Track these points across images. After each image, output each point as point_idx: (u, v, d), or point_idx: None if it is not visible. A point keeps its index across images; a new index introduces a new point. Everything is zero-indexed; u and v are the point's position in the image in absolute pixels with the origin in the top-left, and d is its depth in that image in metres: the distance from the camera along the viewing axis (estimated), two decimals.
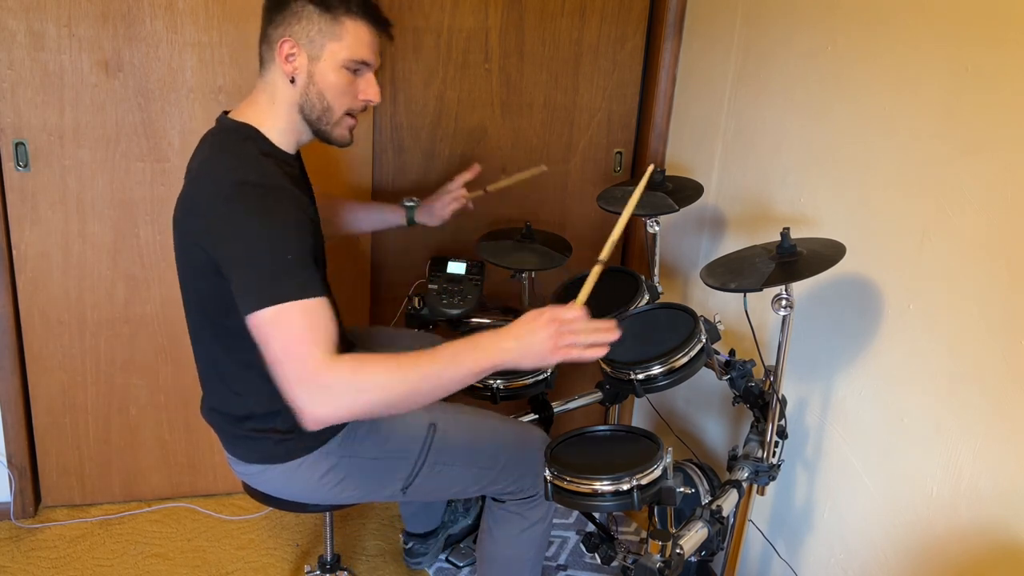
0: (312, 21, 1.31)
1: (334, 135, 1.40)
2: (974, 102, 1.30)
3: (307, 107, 1.36)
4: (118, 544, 2.14)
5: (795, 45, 1.76)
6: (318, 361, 1.16)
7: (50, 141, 1.96)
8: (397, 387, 1.19)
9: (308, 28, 1.31)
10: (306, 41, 1.32)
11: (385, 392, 1.19)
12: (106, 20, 1.90)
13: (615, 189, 1.93)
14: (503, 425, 1.65)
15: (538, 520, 1.67)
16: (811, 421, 1.74)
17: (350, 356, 1.19)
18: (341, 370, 1.17)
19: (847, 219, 1.61)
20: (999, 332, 1.27)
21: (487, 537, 1.71)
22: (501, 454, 1.59)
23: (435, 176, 2.29)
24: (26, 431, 2.16)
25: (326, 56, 1.33)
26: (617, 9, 2.26)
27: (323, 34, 1.32)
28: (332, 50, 1.33)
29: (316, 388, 1.16)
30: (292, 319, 1.18)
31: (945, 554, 1.40)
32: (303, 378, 1.16)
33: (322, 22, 1.31)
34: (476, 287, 1.97)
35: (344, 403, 1.18)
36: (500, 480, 1.60)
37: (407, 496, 1.56)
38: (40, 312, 2.07)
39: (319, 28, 1.31)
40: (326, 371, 1.16)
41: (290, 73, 1.33)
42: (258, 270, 1.20)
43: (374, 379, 1.18)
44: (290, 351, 1.17)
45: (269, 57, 1.35)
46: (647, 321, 1.61)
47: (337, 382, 1.17)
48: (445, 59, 2.20)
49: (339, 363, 1.17)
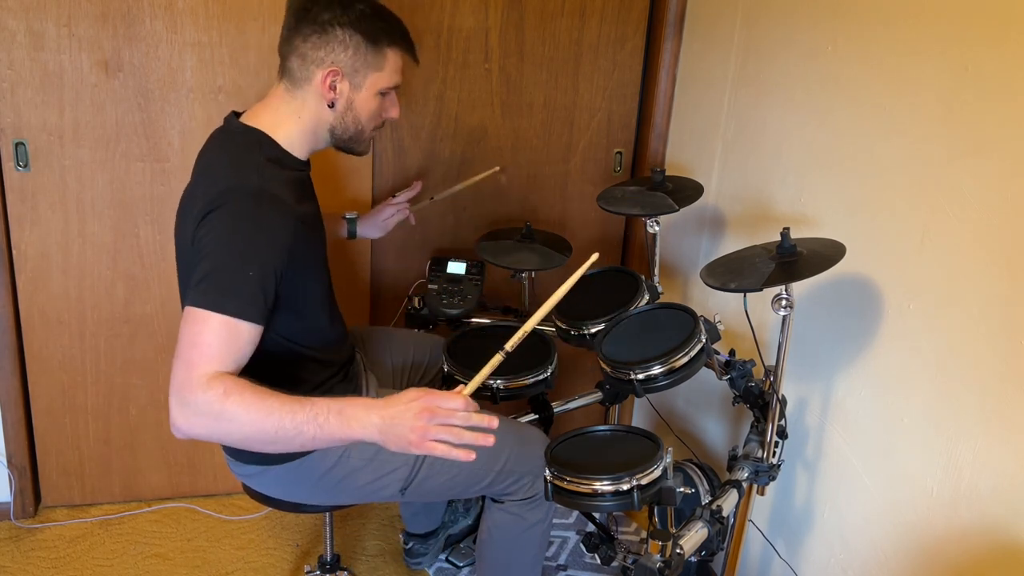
0: (359, 52, 1.34)
1: (359, 150, 1.47)
2: (974, 102, 1.30)
3: (340, 128, 1.40)
4: (118, 544, 2.14)
5: (795, 45, 1.76)
6: (198, 377, 1.16)
7: (50, 141, 1.96)
8: (253, 432, 1.17)
9: (355, 59, 1.34)
10: (350, 71, 1.35)
11: (241, 432, 1.17)
12: (106, 20, 1.90)
13: (615, 189, 1.93)
14: (503, 425, 1.64)
15: (537, 522, 1.66)
16: (811, 421, 1.74)
17: (226, 379, 1.16)
18: (209, 396, 1.15)
19: (847, 219, 1.61)
20: (999, 332, 1.27)
21: (486, 538, 1.71)
22: (500, 455, 1.58)
23: (435, 176, 2.29)
24: (26, 431, 2.16)
25: (368, 85, 1.37)
26: (617, 9, 2.26)
27: (368, 65, 1.36)
28: (374, 80, 1.37)
29: (183, 401, 1.16)
30: (210, 329, 1.18)
31: (945, 554, 1.40)
32: (177, 387, 1.17)
33: (368, 54, 1.35)
34: (476, 287, 1.97)
35: (200, 425, 1.17)
36: (499, 481, 1.59)
37: (406, 497, 1.56)
38: (40, 312, 2.07)
39: (365, 59, 1.35)
40: (197, 391, 1.15)
41: (331, 99, 1.36)
42: (215, 272, 1.21)
43: (235, 417, 1.15)
44: (186, 354, 1.18)
45: (304, 77, 1.35)
46: (647, 321, 1.61)
47: (201, 405, 1.15)
48: (445, 59, 2.20)
49: (212, 388, 1.15)
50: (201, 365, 1.17)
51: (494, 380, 1.70)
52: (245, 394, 1.15)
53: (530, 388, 1.73)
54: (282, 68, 1.38)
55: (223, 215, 1.24)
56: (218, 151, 1.37)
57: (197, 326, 1.19)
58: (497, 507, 1.67)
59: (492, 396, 1.69)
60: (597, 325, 1.69)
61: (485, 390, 1.73)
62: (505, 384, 1.69)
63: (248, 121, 1.38)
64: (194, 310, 1.19)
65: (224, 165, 1.33)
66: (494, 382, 1.70)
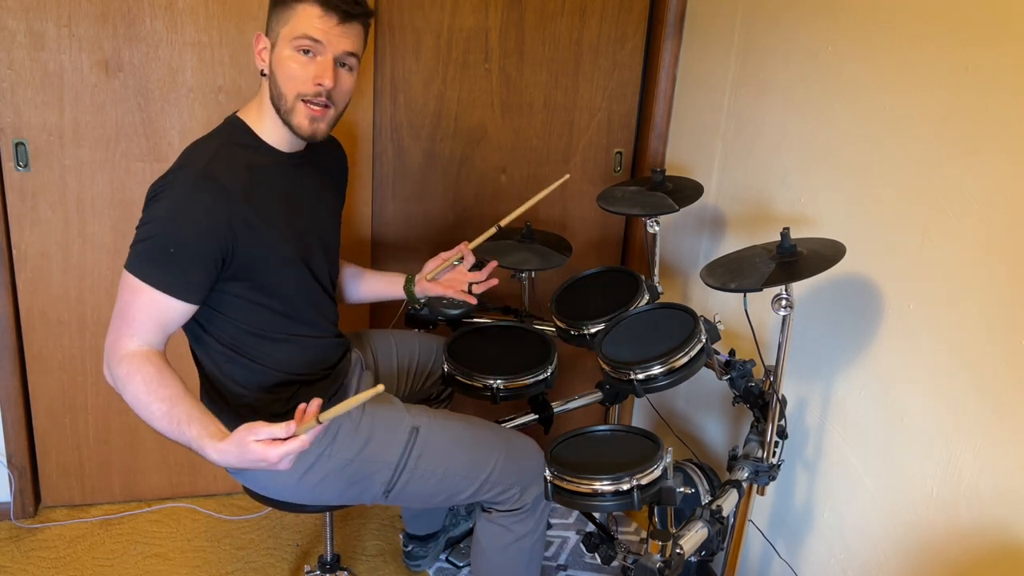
0: (274, 12, 1.37)
1: (293, 123, 1.39)
2: (974, 102, 1.30)
3: (275, 97, 1.39)
4: (118, 544, 2.14)
5: (795, 45, 1.76)
6: (119, 349, 1.28)
7: (50, 141, 1.96)
8: (139, 414, 1.27)
9: (271, 20, 1.38)
10: (270, 31, 1.38)
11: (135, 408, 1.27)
12: (106, 20, 1.91)
13: (615, 189, 1.93)
14: (492, 434, 1.63)
15: (526, 534, 1.64)
16: (811, 421, 1.74)
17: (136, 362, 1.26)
18: (118, 372, 1.27)
19: (847, 219, 1.61)
20: (999, 332, 1.27)
21: (476, 547, 1.70)
22: (488, 463, 1.57)
23: (435, 176, 2.29)
24: (26, 431, 2.16)
25: (280, 41, 1.36)
26: (617, 9, 2.26)
27: (279, 22, 1.36)
28: (283, 34, 1.36)
29: (109, 362, 1.29)
30: (135, 297, 1.29)
31: (945, 554, 1.40)
32: (107, 348, 1.30)
33: (279, 10, 1.36)
34: None
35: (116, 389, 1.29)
36: (485, 490, 1.58)
37: (390, 501, 1.56)
38: (40, 312, 2.07)
39: (277, 18, 1.37)
40: (113, 362, 1.28)
41: (261, 66, 1.40)
42: (145, 240, 1.29)
43: (129, 399, 1.27)
44: (117, 320, 1.30)
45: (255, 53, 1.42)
46: (647, 321, 1.61)
47: (112, 376, 1.29)
48: (445, 59, 2.20)
49: (122, 364, 1.27)
50: (125, 335, 1.29)
51: (494, 380, 1.70)
52: (139, 388, 1.25)
53: (530, 388, 1.73)
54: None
55: (164, 190, 1.31)
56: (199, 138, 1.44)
57: (129, 295, 1.30)
58: (486, 517, 1.65)
59: (492, 396, 1.69)
60: (597, 325, 1.69)
61: (485, 390, 1.73)
62: (505, 384, 1.69)
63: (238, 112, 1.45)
64: (128, 276, 1.30)
65: (190, 148, 1.40)
66: (494, 382, 1.70)
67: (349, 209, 2.22)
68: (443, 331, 2.00)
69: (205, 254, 1.31)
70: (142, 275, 1.28)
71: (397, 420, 1.54)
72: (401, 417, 1.55)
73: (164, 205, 1.30)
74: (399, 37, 2.15)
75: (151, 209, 1.31)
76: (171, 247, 1.28)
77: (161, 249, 1.28)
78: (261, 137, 1.42)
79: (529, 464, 1.61)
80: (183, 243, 1.29)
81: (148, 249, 1.29)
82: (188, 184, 1.31)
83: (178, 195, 1.30)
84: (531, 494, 1.62)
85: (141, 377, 1.25)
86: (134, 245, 1.30)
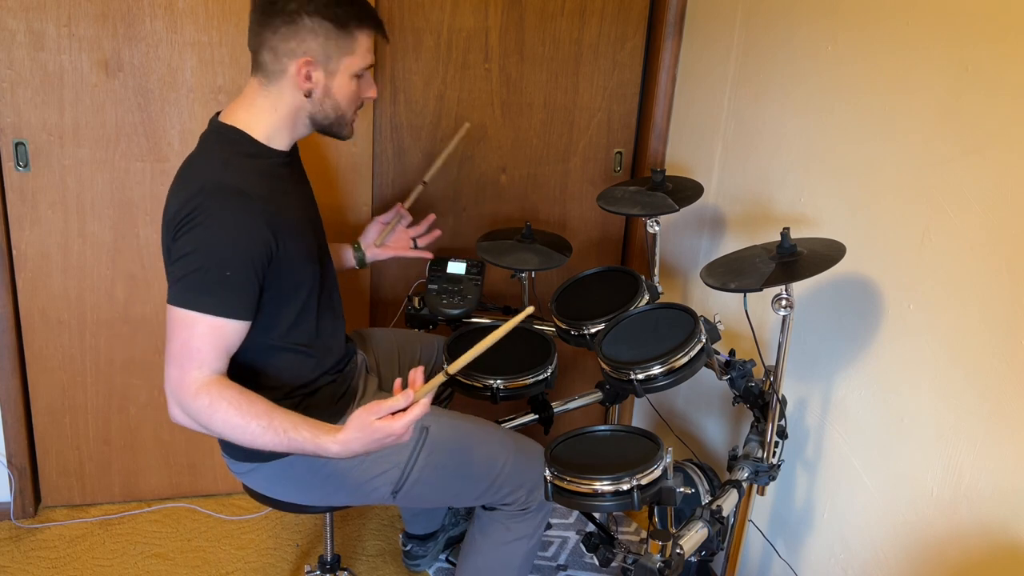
0: (329, 38, 1.33)
1: (343, 134, 1.46)
2: (974, 102, 1.30)
3: (320, 115, 1.40)
4: (118, 544, 2.14)
5: (795, 45, 1.76)
6: (189, 383, 1.25)
7: (50, 141, 1.96)
8: (234, 439, 1.27)
9: (326, 45, 1.33)
10: (323, 58, 1.34)
11: (225, 437, 1.28)
12: (106, 20, 1.91)
13: (615, 189, 1.93)
14: (500, 435, 1.64)
15: (524, 536, 1.65)
16: (811, 421, 1.74)
17: (216, 390, 1.25)
18: (199, 401, 1.25)
19: (847, 219, 1.61)
20: (999, 332, 1.27)
21: (469, 542, 1.70)
22: (496, 464, 1.58)
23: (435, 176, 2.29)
24: (26, 431, 2.16)
25: (342, 70, 1.37)
26: (617, 9, 2.26)
27: (340, 50, 1.35)
28: (347, 64, 1.36)
29: (177, 402, 1.27)
30: (196, 330, 1.25)
31: (945, 554, 1.40)
32: (172, 387, 1.27)
33: (338, 38, 1.34)
34: (476, 287, 1.97)
35: (194, 425, 1.28)
36: (494, 491, 1.59)
37: (397, 501, 1.55)
38: (40, 312, 2.07)
39: (336, 44, 1.34)
40: (188, 397, 1.25)
41: (307, 89, 1.36)
42: (194, 271, 1.25)
43: (218, 427, 1.26)
44: (178, 356, 1.26)
45: (278, 70, 1.34)
46: (647, 321, 1.61)
47: (191, 412, 1.26)
48: (445, 59, 2.20)
49: (200, 394, 1.25)
50: (192, 370, 1.25)
51: (494, 380, 1.70)
52: (229, 412, 1.24)
53: (530, 388, 1.73)
54: (254, 63, 1.37)
55: (197, 216, 1.27)
56: (198, 150, 1.40)
57: (186, 330, 1.26)
58: (487, 514, 1.65)
59: (492, 396, 1.69)
60: (597, 325, 1.69)
61: (485, 390, 1.73)
62: (505, 384, 1.69)
63: (226, 119, 1.39)
64: (179, 311, 1.25)
65: (196, 166, 1.36)
66: (494, 382, 1.70)
67: (349, 209, 2.22)
68: (443, 331, 2.00)
69: (255, 269, 1.30)
70: (197, 306, 1.25)
71: None
72: None
73: (203, 233, 1.26)
74: (399, 37, 2.15)
75: (187, 240, 1.26)
76: (226, 271, 1.26)
77: (214, 277, 1.25)
78: (260, 141, 1.38)
79: (536, 466, 1.61)
80: (235, 264, 1.27)
81: (199, 280, 1.25)
82: (220, 205, 1.28)
83: (215, 219, 1.27)
84: (537, 496, 1.62)
85: (227, 403, 1.24)
86: (180, 280, 1.26)
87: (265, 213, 1.31)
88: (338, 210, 2.20)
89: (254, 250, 1.29)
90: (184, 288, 1.25)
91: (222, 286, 1.26)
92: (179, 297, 1.26)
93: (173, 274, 1.28)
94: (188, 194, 1.29)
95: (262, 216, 1.30)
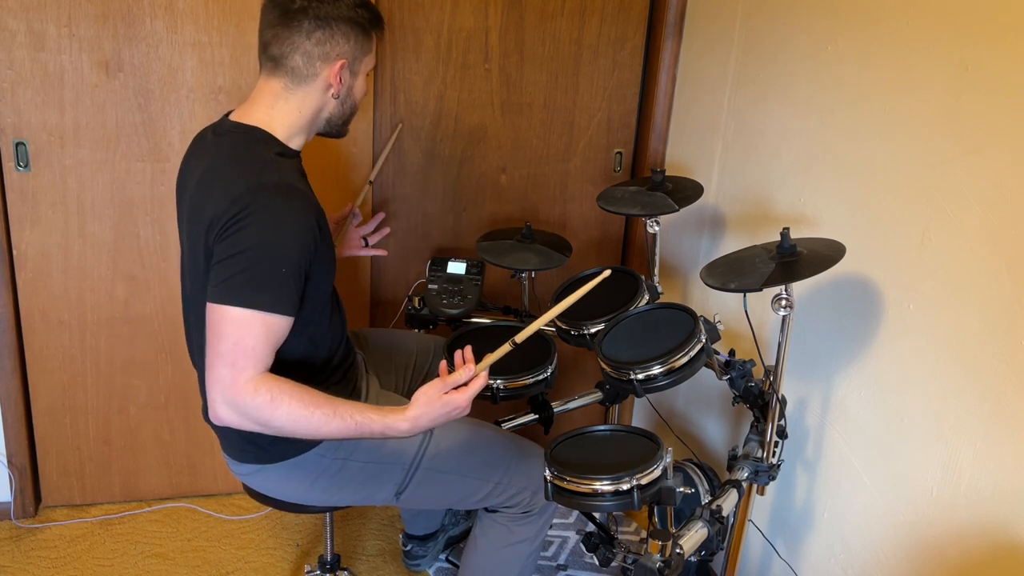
0: (358, 41, 1.39)
1: (345, 132, 1.50)
2: (974, 102, 1.30)
3: (337, 115, 1.44)
4: (118, 544, 2.14)
5: (795, 45, 1.76)
6: (244, 382, 1.23)
7: (50, 141, 1.96)
8: (299, 433, 1.28)
9: (355, 48, 1.39)
10: (352, 60, 1.39)
11: (287, 432, 1.28)
12: (106, 20, 1.91)
13: (615, 189, 1.93)
14: (503, 439, 1.65)
15: (526, 539, 1.65)
16: (811, 421, 1.74)
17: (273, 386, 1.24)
18: (258, 402, 1.24)
19: (847, 219, 1.61)
20: (999, 332, 1.27)
21: (471, 544, 1.70)
22: (499, 466, 1.58)
23: (435, 176, 2.29)
24: (26, 431, 2.16)
25: (362, 71, 1.43)
26: (617, 9, 2.26)
27: (363, 51, 1.41)
28: (366, 64, 1.43)
29: (229, 402, 1.24)
30: (251, 328, 1.24)
31: (945, 554, 1.40)
32: (223, 387, 1.24)
33: (361, 40, 1.39)
34: (476, 287, 1.97)
35: (248, 424, 1.26)
36: (497, 493, 1.59)
37: (401, 502, 1.56)
38: (40, 312, 2.07)
39: (360, 46, 1.40)
40: (245, 396, 1.23)
41: (339, 90, 1.40)
42: (248, 269, 1.24)
43: (281, 421, 1.25)
44: (230, 354, 1.23)
45: (310, 73, 1.36)
46: (647, 321, 1.61)
47: (249, 411, 1.24)
48: (445, 59, 2.20)
49: (259, 391, 1.24)
50: (247, 368, 1.23)
51: (494, 380, 1.70)
52: (292, 405, 1.24)
53: (530, 388, 1.73)
54: (278, 66, 1.36)
55: (253, 212, 1.25)
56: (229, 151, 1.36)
57: (240, 329, 1.23)
58: (489, 516, 1.66)
59: (492, 396, 1.69)
60: (597, 325, 1.69)
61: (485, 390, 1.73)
62: (505, 384, 1.69)
63: (243, 120, 1.38)
64: (232, 310, 1.23)
65: (236, 164, 1.33)
66: (494, 382, 1.70)
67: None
68: (443, 331, 2.00)
69: (304, 264, 1.29)
70: (253, 304, 1.23)
71: None
72: None
73: (257, 231, 1.24)
74: (399, 37, 2.15)
75: (239, 238, 1.24)
76: (281, 267, 1.25)
77: (269, 273, 1.25)
78: (283, 141, 1.39)
79: (539, 470, 1.61)
80: (289, 260, 1.26)
81: (255, 277, 1.24)
82: (272, 201, 1.26)
83: (268, 216, 1.25)
84: (539, 500, 1.62)
85: (288, 396, 1.24)
86: (230, 279, 1.24)
87: (311, 207, 1.32)
88: (338, 210, 2.20)
89: (306, 244, 1.29)
90: (237, 286, 1.23)
91: (277, 283, 1.25)
92: (232, 296, 1.23)
93: (221, 273, 1.25)
94: (235, 194, 1.26)
95: (311, 209, 1.31)
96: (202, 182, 1.34)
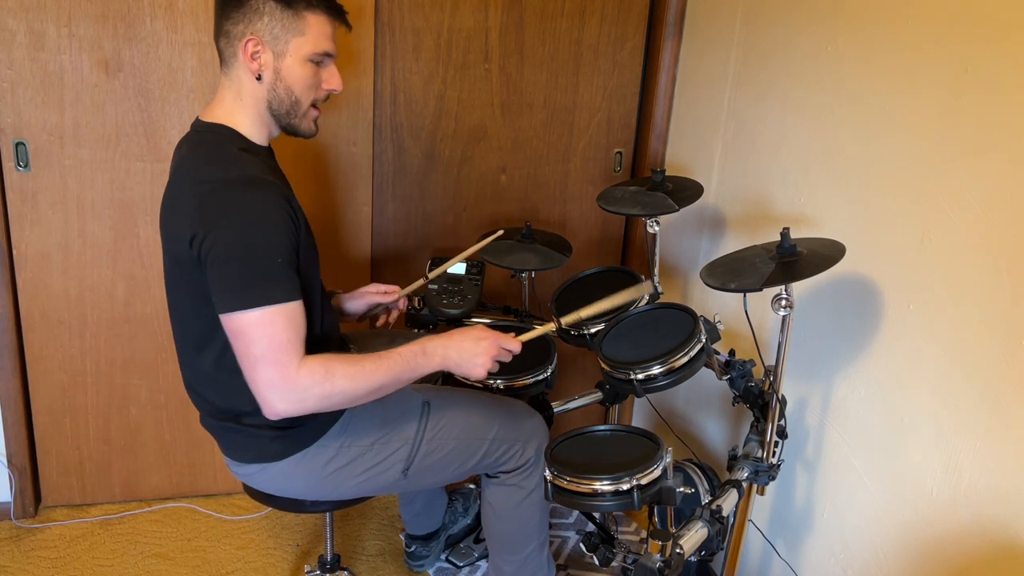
0: (275, 18, 1.33)
1: (301, 128, 1.43)
2: (974, 102, 1.30)
3: (275, 102, 1.38)
4: (118, 544, 2.14)
5: (795, 45, 1.76)
6: (294, 370, 1.25)
7: (50, 141, 1.96)
8: (360, 390, 1.31)
9: (271, 25, 1.33)
10: (270, 38, 1.33)
11: (348, 395, 1.31)
12: (106, 20, 1.91)
13: (615, 189, 1.93)
14: (486, 398, 1.69)
15: (534, 488, 1.69)
16: (811, 421, 1.74)
17: (319, 360, 1.27)
18: (314, 376, 1.26)
19: (847, 219, 1.61)
20: (999, 333, 1.27)
21: (490, 514, 1.73)
22: (492, 424, 1.62)
23: (435, 176, 2.29)
24: (26, 431, 2.16)
25: (291, 52, 1.35)
26: (617, 9, 2.26)
27: (287, 30, 1.34)
28: (297, 45, 1.35)
29: (287, 395, 1.26)
30: (276, 323, 1.24)
31: (945, 554, 1.40)
32: (275, 385, 1.25)
33: (284, 18, 1.33)
34: (476, 287, 1.97)
35: (310, 404, 1.28)
36: (493, 451, 1.62)
37: (408, 480, 1.56)
38: (40, 312, 2.07)
39: (282, 24, 1.33)
40: (302, 380, 1.26)
41: (256, 71, 1.35)
42: (245, 270, 1.24)
43: (342, 385, 1.29)
44: (271, 356, 1.24)
45: (231, 54, 1.36)
46: (647, 321, 1.61)
47: (311, 390, 1.26)
48: (445, 59, 2.20)
49: (312, 370, 1.26)
50: (291, 360, 1.25)
51: (494, 380, 1.70)
52: (346, 367, 1.29)
53: (530, 388, 1.73)
54: (220, 56, 1.38)
55: (223, 215, 1.25)
56: (194, 150, 1.37)
57: (268, 328, 1.24)
58: (494, 483, 1.69)
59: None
60: (597, 325, 1.69)
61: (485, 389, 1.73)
62: (505, 384, 1.69)
63: (207, 119, 1.39)
64: (253, 313, 1.23)
65: (201, 164, 1.33)
66: (494, 381, 1.70)
67: (349, 209, 2.22)
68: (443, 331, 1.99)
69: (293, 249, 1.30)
70: (267, 301, 1.23)
71: (407, 398, 1.58)
72: (410, 395, 1.59)
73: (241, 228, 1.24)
74: (399, 37, 2.15)
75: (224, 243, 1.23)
76: (277, 257, 1.25)
77: (269, 265, 1.25)
78: (247, 136, 1.38)
79: (525, 419, 1.68)
80: (280, 249, 1.26)
81: (255, 275, 1.24)
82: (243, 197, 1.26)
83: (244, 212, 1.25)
84: (532, 448, 1.66)
85: (334, 362, 1.28)
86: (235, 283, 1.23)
87: (284, 196, 1.30)
88: (338, 210, 2.20)
89: (288, 227, 1.28)
90: (245, 289, 1.23)
91: (280, 272, 1.26)
92: (244, 300, 1.23)
93: (222, 282, 1.24)
94: (200, 196, 1.26)
95: (284, 198, 1.30)
96: (175, 183, 1.36)
